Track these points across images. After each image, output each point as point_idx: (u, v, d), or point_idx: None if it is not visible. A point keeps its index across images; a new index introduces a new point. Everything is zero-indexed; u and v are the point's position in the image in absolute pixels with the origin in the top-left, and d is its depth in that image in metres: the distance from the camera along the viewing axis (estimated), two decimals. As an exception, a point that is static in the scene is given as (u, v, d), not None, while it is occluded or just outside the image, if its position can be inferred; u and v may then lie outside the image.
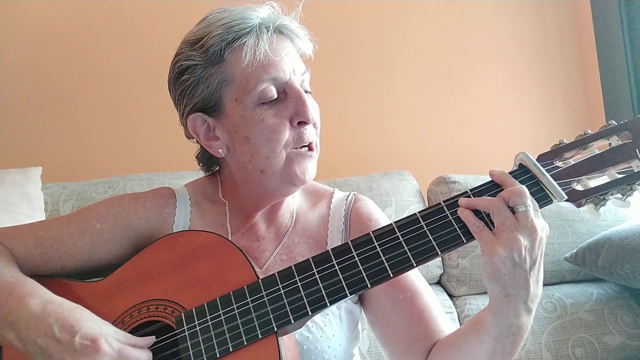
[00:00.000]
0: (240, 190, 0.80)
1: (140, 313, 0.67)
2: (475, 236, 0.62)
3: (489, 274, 0.61)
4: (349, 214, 0.84)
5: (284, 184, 0.75)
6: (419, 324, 0.74)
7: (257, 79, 0.70)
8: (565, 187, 0.65)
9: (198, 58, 0.73)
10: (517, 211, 0.60)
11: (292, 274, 0.64)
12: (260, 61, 0.70)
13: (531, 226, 0.59)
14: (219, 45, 0.71)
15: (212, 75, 0.72)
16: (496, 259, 0.59)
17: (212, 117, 0.75)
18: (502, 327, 0.63)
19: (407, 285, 0.76)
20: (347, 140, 1.78)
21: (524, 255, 0.59)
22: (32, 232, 0.76)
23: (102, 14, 1.63)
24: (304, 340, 0.72)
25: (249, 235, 0.81)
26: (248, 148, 0.73)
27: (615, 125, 0.68)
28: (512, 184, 0.63)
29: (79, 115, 1.60)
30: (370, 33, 1.83)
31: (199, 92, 0.74)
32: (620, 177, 0.65)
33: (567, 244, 1.41)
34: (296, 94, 0.72)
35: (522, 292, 0.60)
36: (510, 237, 0.59)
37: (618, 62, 1.83)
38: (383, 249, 0.63)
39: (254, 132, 0.71)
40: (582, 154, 0.68)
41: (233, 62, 0.71)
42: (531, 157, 0.67)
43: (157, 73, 1.65)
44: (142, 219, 0.79)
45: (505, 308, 0.61)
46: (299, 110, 0.72)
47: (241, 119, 0.72)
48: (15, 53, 1.56)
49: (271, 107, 0.72)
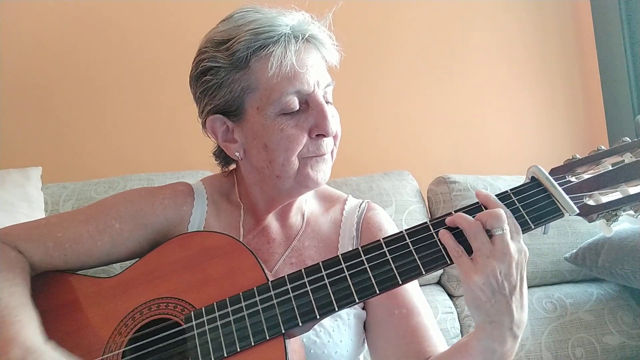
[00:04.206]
0: (254, 191, 0.81)
1: (150, 310, 0.68)
2: (454, 261, 0.61)
3: (470, 301, 0.61)
4: (360, 222, 0.84)
5: (297, 187, 0.75)
6: (409, 341, 0.74)
7: (282, 90, 0.70)
8: (577, 201, 0.65)
9: (222, 61, 0.72)
10: (493, 235, 0.59)
11: (301, 277, 0.64)
12: (286, 72, 0.69)
13: (507, 251, 0.58)
14: (245, 52, 0.70)
15: (236, 81, 0.72)
16: (474, 286, 0.59)
17: (232, 121, 0.75)
18: (486, 353, 0.62)
19: (405, 302, 0.76)
20: (347, 140, 1.77)
21: (502, 281, 0.58)
22: (51, 234, 0.74)
23: (102, 15, 1.63)
24: (311, 345, 0.72)
25: (260, 237, 0.81)
26: (266, 155, 0.73)
27: (629, 143, 0.69)
28: (494, 206, 0.62)
29: (79, 116, 1.60)
30: (370, 33, 1.83)
31: (221, 94, 0.73)
32: (633, 194, 0.65)
33: (567, 244, 1.41)
34: (318, 107, 0.72)
35: (506, 318, 0.59)
36: (486, 263, 0.58)
37: (618, 62, 1.83)
38: (393, 257, 0.63)
39: (272, 141, 0.71)
40: (595, 170, 0.68)
41: (258, 70, 0.70)
42: (544, 170, 0.67)
43: (157, 73, 1.66)
44: (160, 216, 0.79)
45: (490, 335, 0.61)
46: (320, 123, 0.71)
47: (261, 127, 0.72)
48: (15, 53, 1.56)
49: (292, 118, 0.71)
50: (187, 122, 1.57)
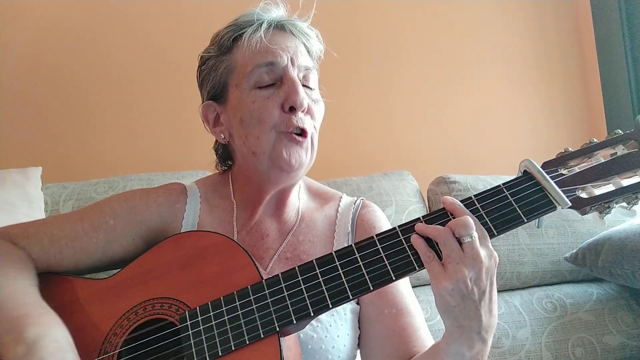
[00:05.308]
0: (245, 184, 0.82)
1: (145, 310, 0.68)
2: (425, 266, 0.62)
3: (440, 306, 0.61)
4: (355, 218, 0.85)
5: (273, 168, 0.76)
6: (397, 341, 0.75)
7: (254, 63, 0.75)
8: (569, 194, 0.65)
9: (213, 51, 0.80)
10: (462, 242, 0.60)
11: (295, 275, 0.65)
12: (257, 47, 0.75)
13: (476, 257, 0.59)
14: (228, 40, 0.78)
15: (221, 64, 0.79)
16: (443, 292, 0.59)
17: (219, 104, 0.80)
18: (456, 357, 0.63)
19: (395, 302, 0.77)
20: (347, 140, 1.78)
21: (471, 287, 0.59)
22: (47, 231, 0.76)
23: (102, 14, 1.63)
24: (308, 340, 0.72)
25: (254, 233, 0.82)
26: (242, 130, 0.76)
27: (621, 135, 0.68)
28: (460, 214, 0.62)
29: (79, 115, 1.60)
30: (370, 34, 1.83)
31: (210, 80, 0.80)
32: (626, 186, 0.65)
33: (567, 244, 1.41)
34: (290, 80, 0.75)
35: (475, 323, 0.60)
36: (456, 269, 0.59)
37: (618, 62, 1.83)
38: (387, 253, 0.63)
39: (246, 114, 0.74)
40: (587, 162, 0.68)
41: (237, 52, 0.78)
42: (536, 164, 0.67)
43: (158, 73, 1.66)
44: (154, 213, 0.80)
45: (458, 339, 0.62)
46: (290, 96, 0.74)
47: (237, 102, 0.76)
48: (15, 53, 1.56)
49: (265, 91, 0.75)
50: (187, 122, 1.59)
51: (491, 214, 0.64)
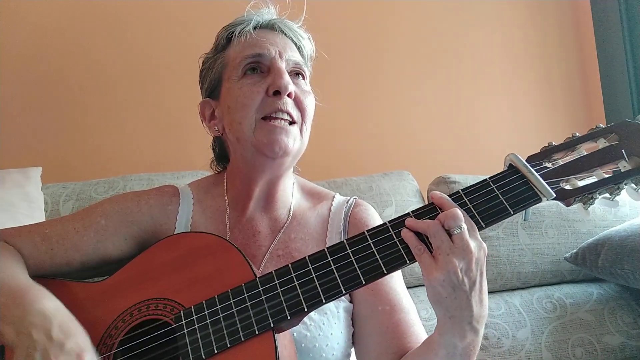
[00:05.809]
0: (235, 176, 0.84)
1: (140, 311, 0.69)
2: (417, 259, 0.63)
3: (431, 297, 0.63)
4: (348, 216, 0.86)
5: (258, 156, 0.77)
6: (390, 338, 0.76)
7: (243, 55, 0.79)
8: (554, 186, 0.66)
9: (211, 52, 0.86)
10: (452, 234, 0.61)
11: (288, 272, 0.65)
12: (247, 40, 0.80)
13: (466, 248, 0.60)
14: (223, 38, 0.84)
15: (216, 61, 0.83)
16: (435, 282, 0.61)
17: (214, 100, 0.83)
18: (448, 347, 0.64)
19: (389, 299, 0.78)
20: (347, 140, 1.78)
21: (462, 277, 0.60)
22: (39, 230, 0.77)
23: (102, 14, 1.63)
24: (302, 339, 0.72)
25: (246, 231, 0.83)
26: (229, 117, 0.78)
27: (602, 128, 0.71)
28: (449, 207, 0.64)
29: (79, 115, 1.60)
30: (369, 32, 1.83)
31: (208, 78, 0.85)
32: (608, 177, 0.67)
33: (567, 244, 1.41)
34: (275, 68, 0.78)
35: (466, 313, 0.62)
36: (446, 260, 0.60)
37: (618, 62, 1.83)
38: (378, 248, 0.65)
39: (232, 100, 0.77)
40: (570, 156, 0.70)
41: (230, 49, 0.82)
42: (520, 157, 0.69)
43: (157, 73, 1.66)
44: (145, 215, 0.81)
45: (450, 329, 0.63)
46: (275, 80, 0.76)
47: (227, 92, 0.80)
48: (15, 53, 1.56)
49: (252, 79, 0.78)
50: (187, 122, 1.59)
51: (479, 207, 0.66)
